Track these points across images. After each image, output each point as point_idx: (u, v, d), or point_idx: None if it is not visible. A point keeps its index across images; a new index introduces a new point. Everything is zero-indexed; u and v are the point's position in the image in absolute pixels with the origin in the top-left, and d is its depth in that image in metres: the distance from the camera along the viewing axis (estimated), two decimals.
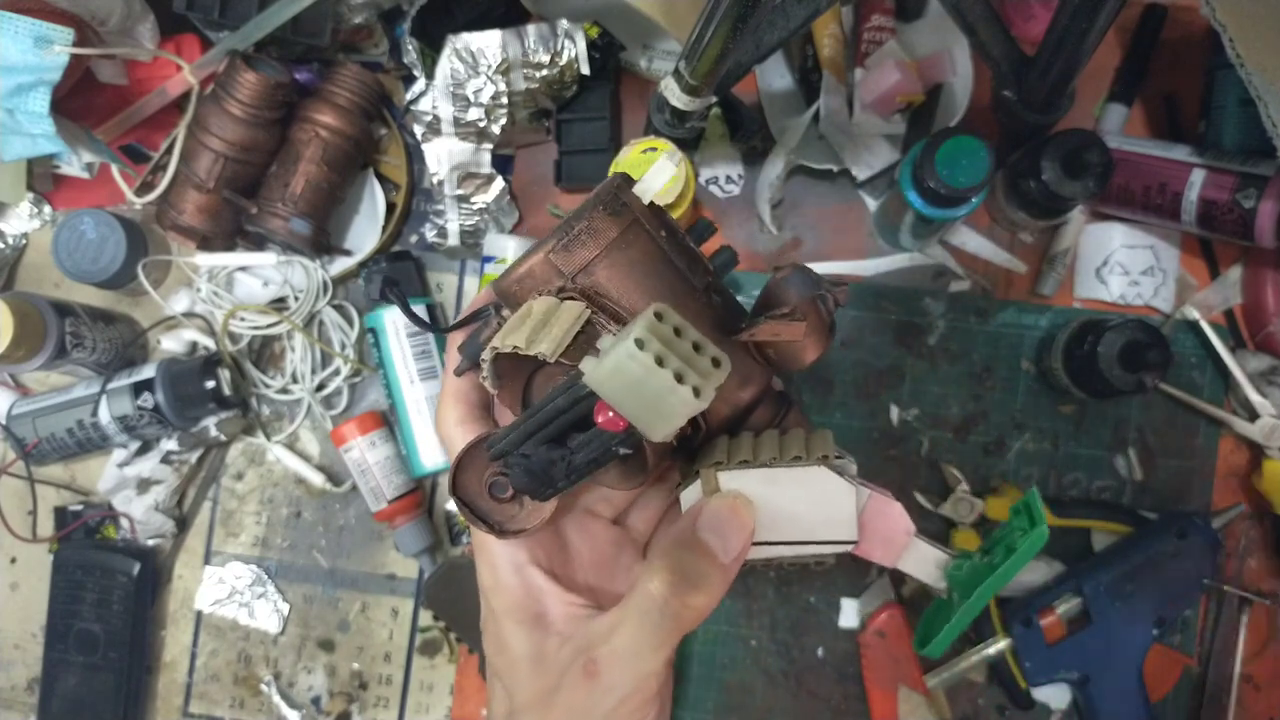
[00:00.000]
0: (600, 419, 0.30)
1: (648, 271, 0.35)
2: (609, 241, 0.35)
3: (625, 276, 0.35)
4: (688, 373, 0.28)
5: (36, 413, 0.75)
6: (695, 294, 0.36)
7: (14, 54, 0.61)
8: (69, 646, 0.76)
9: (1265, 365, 0.69)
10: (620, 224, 0.35)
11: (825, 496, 0.35)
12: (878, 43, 0.71)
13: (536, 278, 0.35)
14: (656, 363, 0.27)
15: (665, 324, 0.28)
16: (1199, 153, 0.65)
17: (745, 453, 0.35)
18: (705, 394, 0.28)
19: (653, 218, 0.36)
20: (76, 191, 0.79)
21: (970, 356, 0.73)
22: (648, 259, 0.35)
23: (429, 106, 0.70)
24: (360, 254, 0.76)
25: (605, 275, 0.35)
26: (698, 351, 0.29)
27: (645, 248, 0.35)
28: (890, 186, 0.72)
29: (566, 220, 0.35)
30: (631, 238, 0.35)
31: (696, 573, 0.33)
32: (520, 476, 0.34)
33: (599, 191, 0.35)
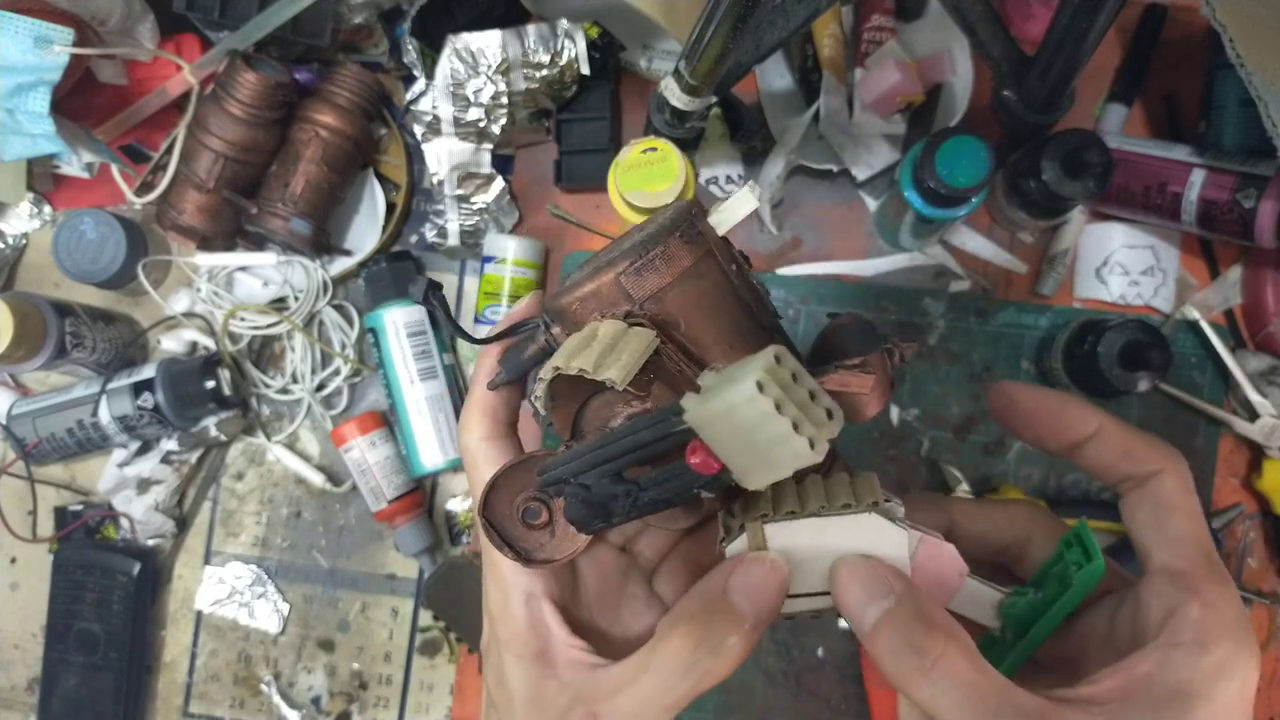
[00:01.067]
0: (694, 459, 0.29)
1: (717, 306, 0.34)
2: (682, 270, 0.33)
3: (695, 308, 0.33)
4: (804, 423, 0.27)
5: (36, 413, 0.75)
6: (760, 333, 0.35)
7: (14, 54, 0.61)
8: (69, 646, 0.76)
9: (1265, 365, 0.69)
10: (695, 253, 0.33)
11: (876, 544, 0.33)
12: (878, 43, 0.71)
13: (603, 299, 0.33)
14: (775, 409, 0.26)
15: (783, 368, 0.27)
16: (1199, 153, 0.65)
17: (791, 502, 0.33)
18: (820, 446, 0.27)
19: (725, 250, 0.34)
20: (76, 191, 0.79)
21: (970, 356, 0.73)
22: (718, 293, 0.34)
23: (429, 106, 0.70)
24: (360, 254, 0.77)
25: (675, 305, 0.33)
26: (813, 400, 0.27)
27: (717, 281, 0.34)
28: (890, 186, 0.72)
29: (639, 243, 0.33)
30: (704, 269, 0.33)
31: (720, 636, 0.31)
32: (576, 507, 0.32)
33: (674, 216, 0.34)
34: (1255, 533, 0.71)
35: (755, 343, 0.34)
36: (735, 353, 0.33)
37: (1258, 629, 0.70)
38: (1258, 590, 0.70)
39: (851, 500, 0.33)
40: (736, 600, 0.32)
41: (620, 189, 0.64)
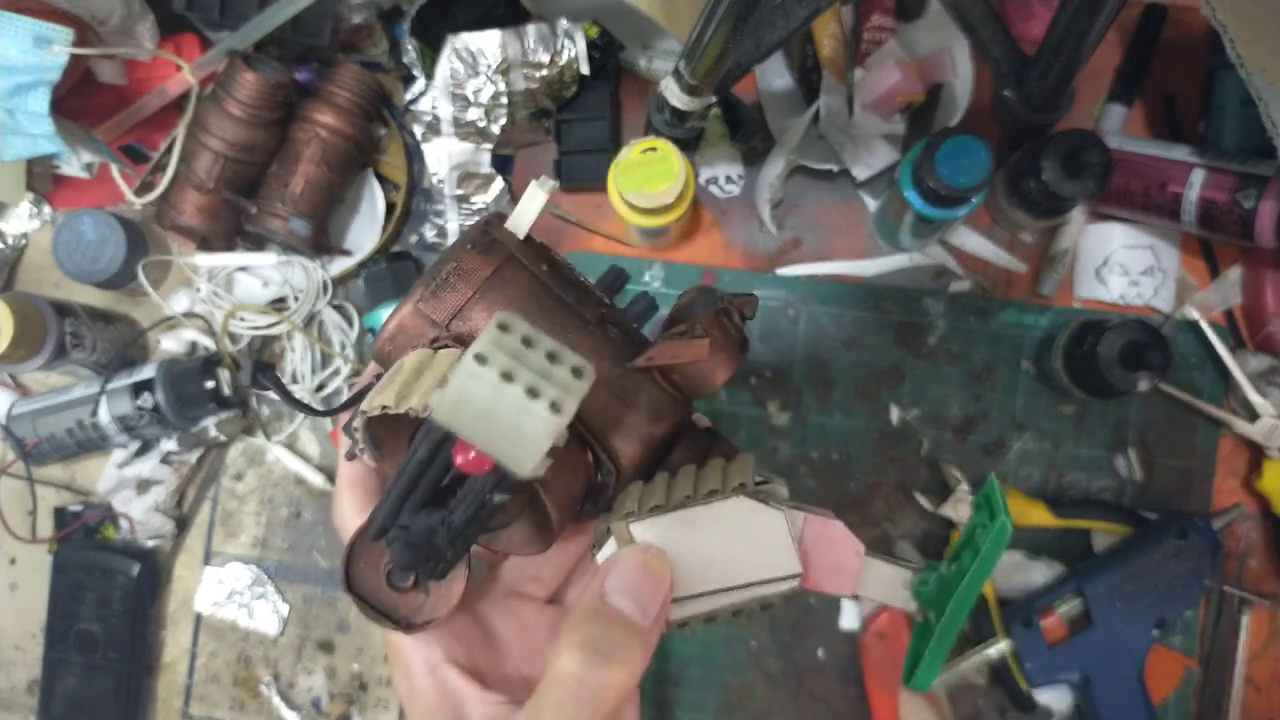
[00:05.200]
0: (460, 459, 0.27)
1: (529, 309, 0.32)
2: (481, 281, 0.32)
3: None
4: (543, 386, 0.24)
5: (36, 413, 0.75)
6: (587, 326, 0.33)
7: (14, 54, 0.61)
8: (69, 647, 0.76)
9: (1265, 365, 0.69)
10: (493, 261, 0.32)
11: (754, 530, 0.31)
12: (878, 42, 0.71)
13: (409, 332, 0.32)
14: (504, 378, 0.24)
15: (512, 334, 0.25)
16: (1199, 153, 0.65)
17: (658, 496, 0.31)
18: (566, 408, 0.24)
19: (530, 252, 0.34)
20: (76, 191, 0.79)
21: (970, 357, 0.73)
22: (528, 296, 0.33)
23: (429, 106, 0.70)
24: (360, 254, 0.76)
25: (482, 319, 0.32)
26: (554, 362, 0.25)
27: (524, 285, 0.33)
28: (890, 186, 0.72)
29: (434, 265, 0.33)
30: (508, 275, 0.33)
31: (610, 644, 0.29)
32: (401, 551, 0.30)
33: (467, 230, 0.34)
34: (1255, 533, 0.71)
35: (581, 338, 0.33)
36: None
37: (1258, 631, 0.70)
38: (1258, 591, 0.70)
39: (719, 485, 0.31)
40: (615, 602, 0.30)
41: (620, 189, 0.64)
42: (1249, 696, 0.70)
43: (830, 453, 0.73)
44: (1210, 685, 0.70)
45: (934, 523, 0.71)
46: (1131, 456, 0.71)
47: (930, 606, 0.32)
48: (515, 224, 0.34)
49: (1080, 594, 0.67)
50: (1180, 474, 0.71)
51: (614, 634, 0.29)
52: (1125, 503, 0.71)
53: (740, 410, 0.73)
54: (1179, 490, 0.71)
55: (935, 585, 0.32)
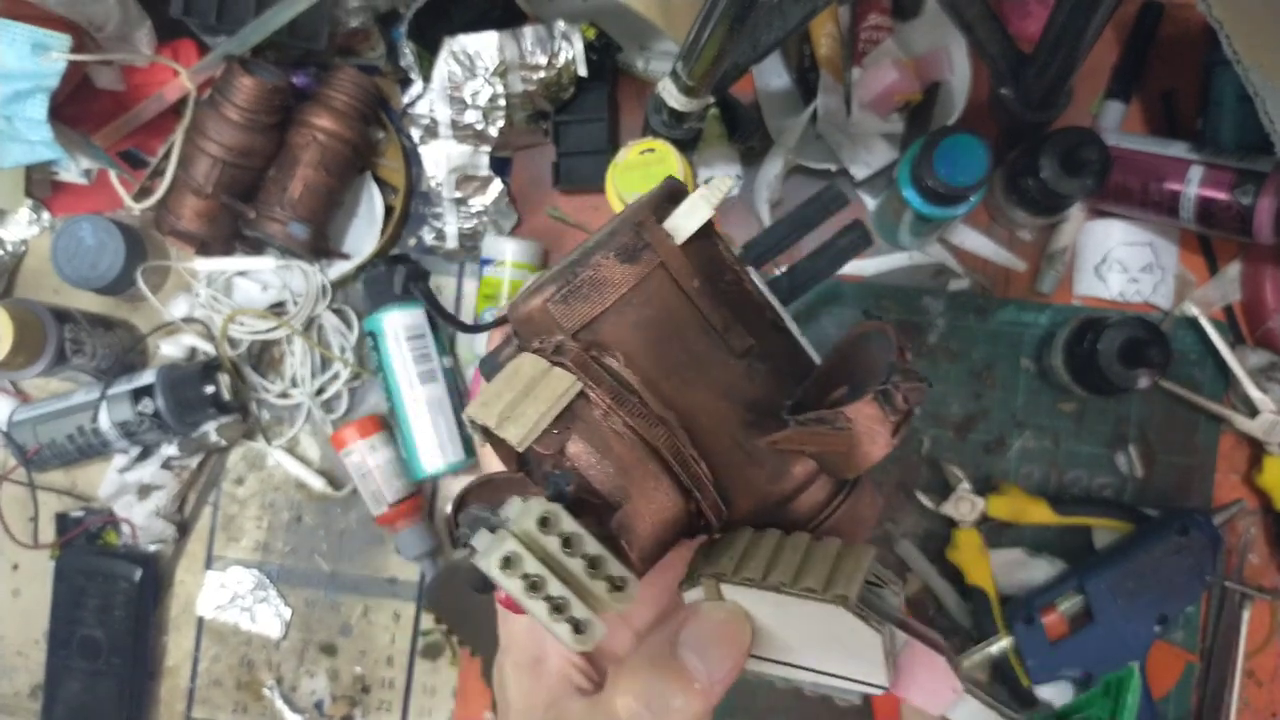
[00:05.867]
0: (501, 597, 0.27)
1: (664, 334, 0.29)
2: (619, 296, 0.29)
3: (638, 338, 0.29)
4: (571, 603, 0.23)
5: (37, 419, 0.75)
6: (727, 363, 0.30)
7: (12, 61, 0.61)
8: (71, 653, 0.76)
9: (1265, 361, 0.69)
10: (636, 273, 0.29)
11: (848, 635, 0.29)
12: (875, 42, 0.71)
13: (536, 324, 0.30)
14: (531, 588, 0.23)
15: (550, 533, 0.24)
16: (1197, 149, 0.65)
17: (755, 569, 0.29)
18: (592, 632, 0.23)
19: (685, 263, 0.30)
20: (75, 198, 0.79)
21: (970, 355, 0.73)
22: (668, 317, 0.29)
23: (426, 109, 0.70)
24: (359, 257, 0.76)
25: (612, 335, 0.29)
26: (593, 570, 0.24)
27: (666, 303, 0.29)
28: (889, 185, 0.72)
29: (574, 260, 0.30)
30: (650, 290, 0.29)
31: (667, 702, 0.28)
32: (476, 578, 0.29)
33: (618, 225, 0.30)
34: (1256, 529, 0.71)
35: (719, 375, 0.30)
36: (688, 391, 0.29)
37: (1259, 625, 0.70)
38: (1259, 586, 0.70)
39: (818, 585, 0.28)
40: (685, 657, 0.28)
41: (619, 190, 0.64)
42: (1250, 690, 0.70)
43: None
44: (1211, 680, 0.70)
45: (935, 521, 0.71)
46: (1132, 453, 0.71)
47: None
48: (674, 227, 0.30)
49: (1082, 591, 0.67)
50: (1181, 470, 0.71)
51: (674, 690, 0.28)
52: (1126, 500, 0.71)
53: None
54: (1180, 487, 0.71)
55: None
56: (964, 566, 0.69)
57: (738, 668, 0.29)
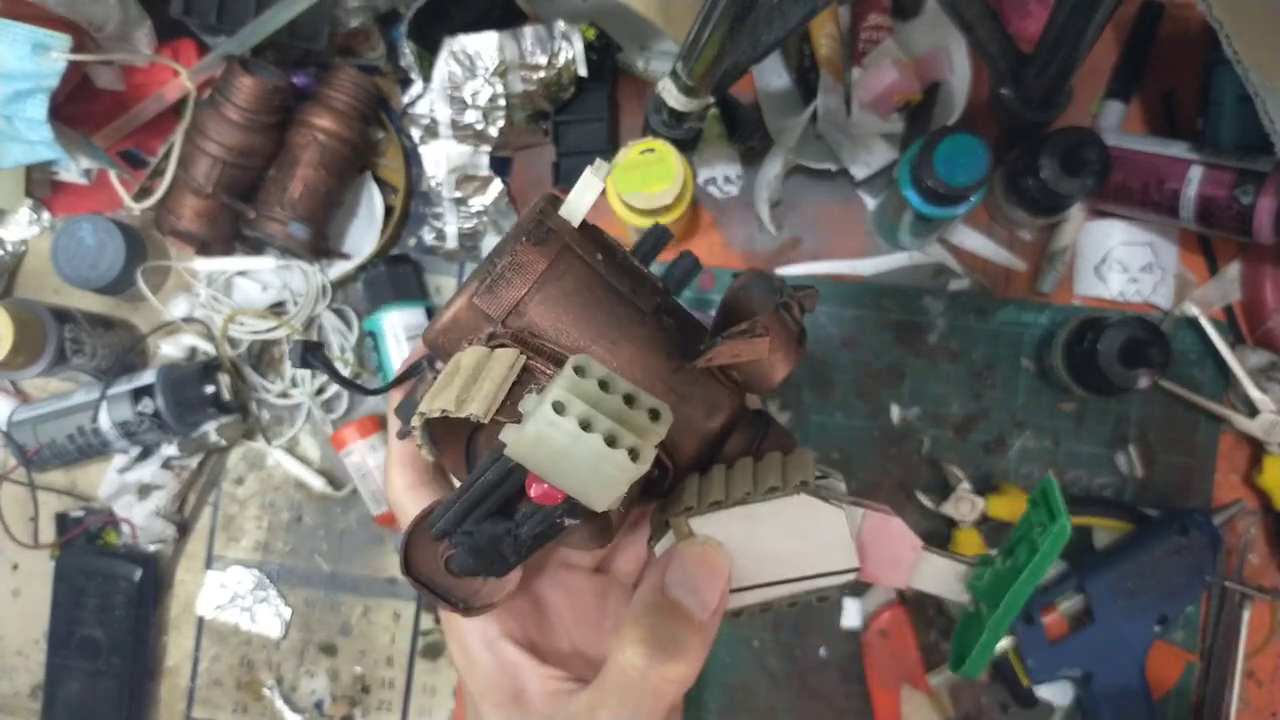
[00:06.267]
0: (533, 492, 0.28)
1: (585, 301, 0.32)
2: (538, 275, 0.31)
3: (562, 311, 0.31)
4: (621, 433, 0.25)
5: (37, 419, 0.75)
6: (643, 319, 0.32)
7: (12, 61, 0.61)
8: (71, 653, 0.76)
9: (1265, 361, 0.69)
10: (548, 253, 0.31)
11: (813, 525, 0.31)
12: (875, 41, 0.71)
13: (463, 325, 0.31)
14: (582, 427, 0.25)
15: (589, 378, 0.26)
16: (1197, 149, 0.65)
17: (717, 491, 0.31)
18: (645, 455, 0.25)
19: (585, 241, 0.32)
20: (75, 198, 0.79)
21: (970, 355, 0.73)
22: (584, 288, 0.32)
23: (426, 109, 0.70)
24: (359, 257, 0.76)
25: (539, 313, 0.31)
26: (631, 405, 0.26)
27: (580, 275, 0.32)
28: (889, 185, 0.72)
29: (489, 256, 0.32)
30: (564, 267, 0.32)
31: (671, 639, 0.30)
32: (465, 558, 0.31)
33: (521, 220, 0.32)
34: (1256, 529, 0.71)
35: (636, 331, 0.32)
36: (618, 349, 0.32)
37: (1259, 625, 0.70)
38: (1259, 586, 0.70)
39: (779, 482, 0.31)
40: (677, 595, 0.30)
41: (619, 190, 0.64)
42: (1250, 690, 0.70)
43: (831, 452, 0.73)
44: (1211, 680, 0.70)
45: (935, 521, 0.71)
46: (1132, 453, 0.71)
47: (983, 600, 0.33)
48: (570, 211, 0.32)
49: (1082, 590, 0.67)
50: (1181, 470, 0.71)
51: (675, 627, 0.30)
52: (1126, 499, 0.71)
53: None
54: (1180, 486, 0.71)
55: (990, 580, 0.33)
56: None
57: (725, 595, 0.31)
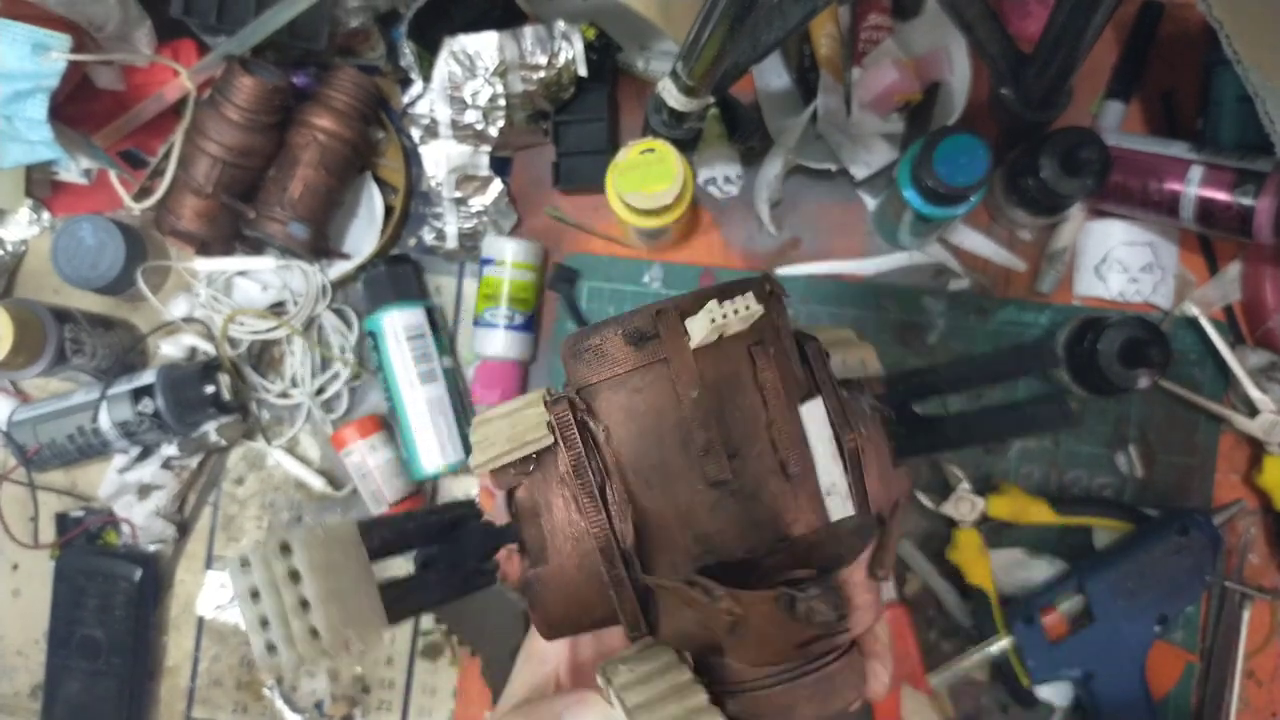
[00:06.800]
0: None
1: (644, 430, 0.28)
2: (612, 376, 0.29)
3: (620, 422, 0.29)
4: (272, 624, 0.25)
5: (37, 419, 0.75)
6: (693, 490, 0.28)
7: (12, 61, 0.61)
8: (71, 653, 0.76)
9: (1265, 361, 0.69)
10: (636, 360, 0.28)
11: None
12: (875, 41, 0.71)
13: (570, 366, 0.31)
14: (260, 624, 0.25)
15: (282, 562, 0.25)
16: (1197, 149, 0.65)
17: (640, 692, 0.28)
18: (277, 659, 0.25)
19: (689, 367, 0.28)
20: (75, 198, 0.79)
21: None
22: (653, 416, 0.28)
23: (426, 109, 0.70)
24: (359, 257, 0.76)
25: (603, 404, 0.29)
26: (300, 611, 0.25)
27: (656, 401, 0.28)
28: (889, 185, 0.72)
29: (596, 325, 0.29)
30: (646, 382, 0.28)
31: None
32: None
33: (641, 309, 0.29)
34: (1256, 529, 0.71)
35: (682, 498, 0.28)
36: (650, 496, 0.28)
37: (1259, 625, 0.70)
38: (1259, 586, 0.70)
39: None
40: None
41: (619, 190, 0.64)
42: (1250, 690, 0.70)
43: None
44: (1211, 680, 0.70)
45: (935, 521, 0.71)
46: (1132, 453, 0.71)
47: None
48: (696, 328, 0.28)
49: (1082, 591, 0.67)
50: (1181, 470, 0.71)
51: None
52: (1126, 500, 0.71)
53: None
54: (1180, 486, 0.71)
55: None
56: (964, 566, 0.69)
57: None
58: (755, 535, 0.28)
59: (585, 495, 0.28)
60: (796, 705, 0.29)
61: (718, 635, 0.28)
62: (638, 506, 0.28)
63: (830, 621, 0.27)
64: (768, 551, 0.28)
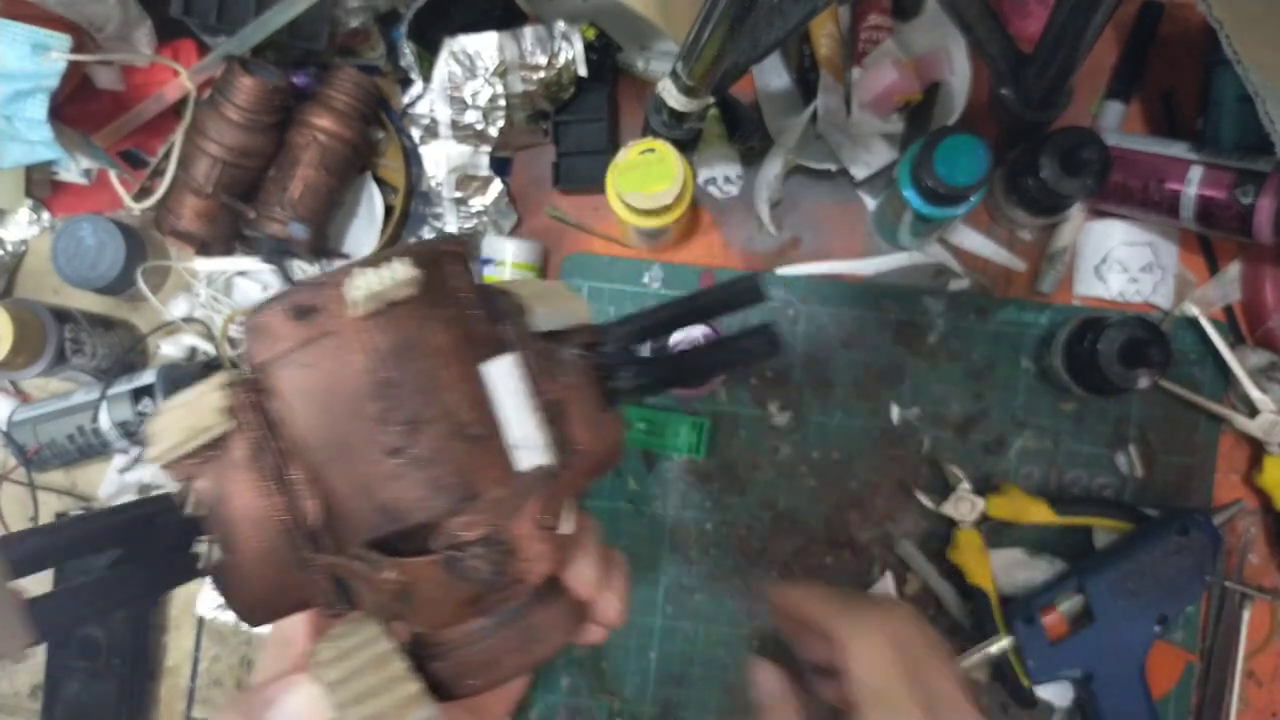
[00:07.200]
0: None
1: (320, 407, 0.28)
2: (280, 352, 0.28)
3: (295, 400, 0.28)
4: None
5: (37, 419, 0.75)
6: (373, 461, 0.27)
7: (11, 61, 0.61)
8: (71, 653, 0.76)
9: (1265, 361, 0.69)
10: (303, 335, 0.28)
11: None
12: (875, 42, 0.71)
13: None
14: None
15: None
16: (1197, 149, 0.65)
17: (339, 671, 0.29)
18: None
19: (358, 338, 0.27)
20: (75, 198, 0.79)
21: (970, 355, 0.73)
22: (327, 390, 0.27)
23: (426, 109, 0.70)
24: (359, 257, 0.76)
25: (278, 386, 0.28)
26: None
27: (326, 377, 0.27)
28: (889, 185, 0.72)
29: (273, 295, 0.29)
30: (315, 357, 0.27)
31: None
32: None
33: (315, 277, 0.29)
34: (1256, 529, 0.71)
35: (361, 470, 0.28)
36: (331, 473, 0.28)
37: (1259, 625, 0.70)
38: (1259, 586, 0.70)
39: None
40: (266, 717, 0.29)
41: (619, 190, 0.64)
42: (1250, 690, 0.70)
43: (831, 452, 0.73)
44: (1211, 680, 0.70)
45: (935, 521, 0.71)
46: (1132, 453, 0.71)
47: None
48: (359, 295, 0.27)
49: (1082, 591, 0.67)
50: (1181, 470, 0.71)
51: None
52: (1126, 499, 0.71)
53: (740, 410, 0.73)
54: (1180, 486, 0.71)
55: None
56: (964, 566, 0.69)
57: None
58: (439, 499, 0.28)
59: (264, 478, 0.28)
60: (501, 658, 0.30)
61: (390, 604, 0.28)
62: (324, 484, 0.28)
63: (488, 579, 0.28)
64: (449, 513, 0.28)
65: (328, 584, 0.29)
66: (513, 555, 0.29)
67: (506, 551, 0.29)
